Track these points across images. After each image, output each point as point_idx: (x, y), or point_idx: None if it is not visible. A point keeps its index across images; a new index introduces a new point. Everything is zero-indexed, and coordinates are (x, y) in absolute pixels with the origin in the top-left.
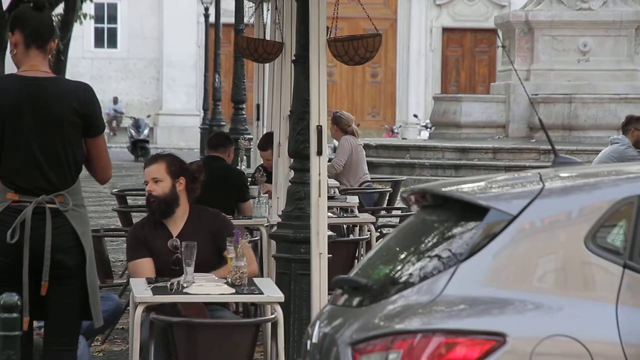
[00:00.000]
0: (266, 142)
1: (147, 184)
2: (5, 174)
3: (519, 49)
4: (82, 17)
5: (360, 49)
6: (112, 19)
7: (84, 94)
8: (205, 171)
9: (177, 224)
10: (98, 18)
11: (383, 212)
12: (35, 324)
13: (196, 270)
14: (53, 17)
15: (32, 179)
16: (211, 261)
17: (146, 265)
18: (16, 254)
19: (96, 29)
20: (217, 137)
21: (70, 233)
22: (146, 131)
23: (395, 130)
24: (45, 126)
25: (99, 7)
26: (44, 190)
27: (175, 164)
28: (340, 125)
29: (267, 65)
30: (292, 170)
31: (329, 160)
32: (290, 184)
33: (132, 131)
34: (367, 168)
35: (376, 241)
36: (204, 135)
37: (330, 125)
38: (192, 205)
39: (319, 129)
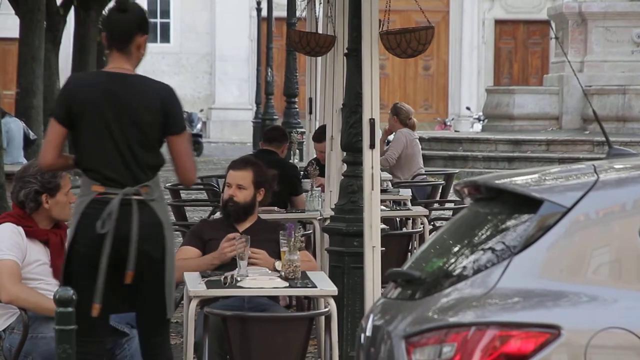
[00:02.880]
0: (322, 134)
1: (229, 186)
2: (91, 166)
3: (572, 41)
4: None
5: (412, 41)
6: (165, 14)
7: (166, 92)
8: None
9: (245, 224)
10: (151, 13)
11: (436, 205)
12: None
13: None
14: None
15: (118, 171)
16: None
17: (190, 251)
18: (102, 247)
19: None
20: (274, 131)
21: (157, 225)
22: (199, 125)
23: (448, 123)
24: (127, 120)
25: (151, 2)
26: (129, 182)
27: (261, 176)
28: (400, 117)
29: (319, 58)
30: (344, 164)
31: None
32: (343, 177)
33: None
34: (422, 161)
35: (429, 234)
36: (257, 129)
37: (389, 115)
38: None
39: (372, 122)
